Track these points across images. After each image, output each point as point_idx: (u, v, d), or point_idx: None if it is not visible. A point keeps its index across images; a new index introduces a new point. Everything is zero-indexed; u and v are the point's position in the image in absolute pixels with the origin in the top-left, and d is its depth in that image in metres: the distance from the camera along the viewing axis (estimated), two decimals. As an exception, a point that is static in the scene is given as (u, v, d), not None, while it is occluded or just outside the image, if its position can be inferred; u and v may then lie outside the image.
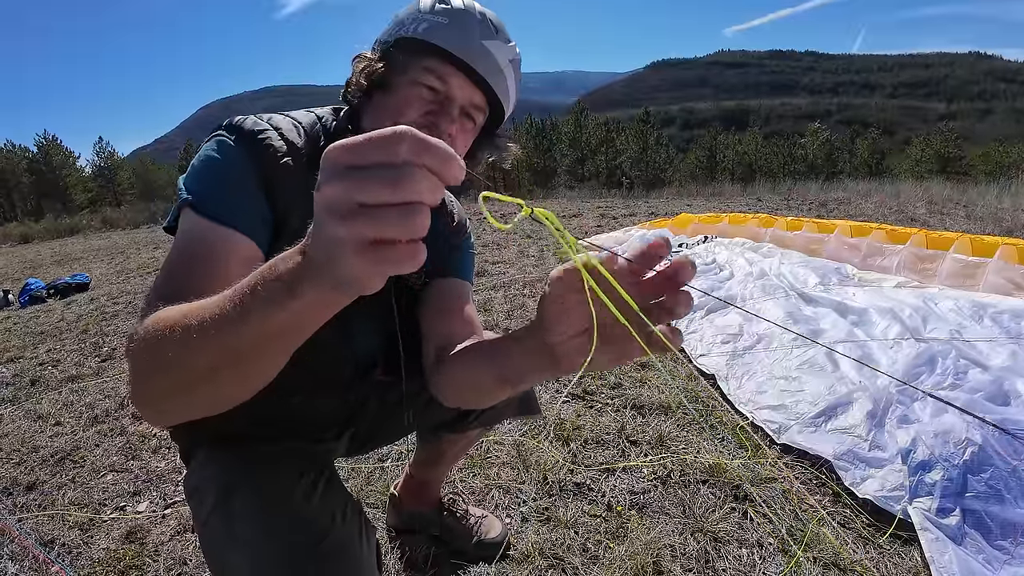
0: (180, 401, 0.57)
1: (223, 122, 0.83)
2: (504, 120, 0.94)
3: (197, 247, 0.72)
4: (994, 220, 6.16)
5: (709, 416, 1.97)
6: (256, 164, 0.79)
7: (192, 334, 0.50)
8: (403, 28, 0.83)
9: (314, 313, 0.46)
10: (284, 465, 0.81)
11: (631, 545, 1.35)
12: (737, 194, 13.38)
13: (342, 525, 0.77)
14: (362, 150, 0.37)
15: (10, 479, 1.87)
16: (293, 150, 0.82)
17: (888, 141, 66.14)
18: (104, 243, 12.38)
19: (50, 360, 3.23)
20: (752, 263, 3.64)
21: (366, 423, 1.09)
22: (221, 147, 0.79)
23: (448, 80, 0.82)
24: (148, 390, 0.58)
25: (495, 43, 0.84)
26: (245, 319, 0.47)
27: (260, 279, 0.46)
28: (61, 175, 37.29)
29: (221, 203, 0.74)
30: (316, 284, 0.43)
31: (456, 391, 0.83)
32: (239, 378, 0.53)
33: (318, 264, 0.41)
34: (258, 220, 0.77)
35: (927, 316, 2.43)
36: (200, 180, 0.76)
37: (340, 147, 0.38)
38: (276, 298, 0.45)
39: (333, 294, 0.43)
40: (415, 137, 0.37)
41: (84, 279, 5.82)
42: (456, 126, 0.84)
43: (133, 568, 1.40)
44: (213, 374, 0.52)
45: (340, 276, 0.40)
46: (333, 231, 0.38)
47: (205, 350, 0.50)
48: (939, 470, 1.45)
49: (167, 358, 0.53)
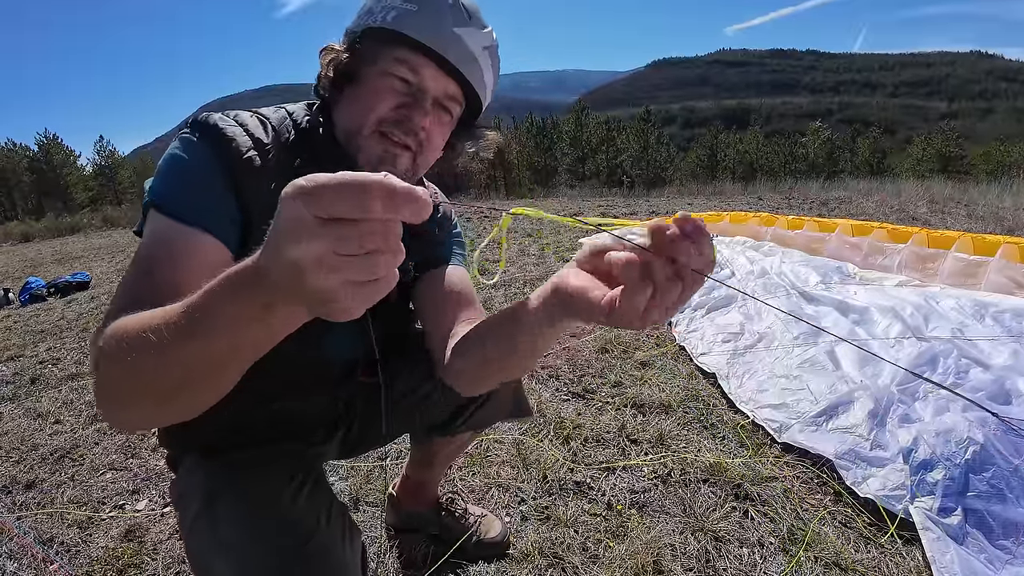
0: (142, 410, 0.57)
1: (189, 119, 0.79)
2: (482, 109, 0.90)
3: (161, 249, 0.69)
4: (995, 219, 6.15)
5: (710, 415, 1.97)
6: (222, 162, 0.75)
7: (150, 349, 0.50)
8: (371, 17, 0.79)
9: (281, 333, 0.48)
10: (270, 469, 0.80)
11: (631, 544, 1.34)
12: (738, 193, 13.39)
13: (326, 527, 0.76)
14: (331, 203, 0.37)
15: (9, 477, 1.86)
16: (260, 147, 0.79)
17: (889, 140, 66.07)
18: (105, 242, 12.38)
19: (50, 358, 3.23)
20: (753, 262, 3.63)
21: (356, 426, 1.08)
22: (186, 146, 0.75)
23: (420, 71, 0.78)
24: (108, 399, 0.57)
25: (468, 30, 0.79)
26: (210, 338, 0.47)
27: (218, 300, 0.46)
28: (62, 174, 37.29)
29: (186, 203, 0.71)
30: (290, 307, 0.44)
31: (470, 377, 0.81)
32: (199, 390, 0.53)
33: (293, 296, 0.42)
34: (226, 220, 0.73)
35: (929, 315, 2.42)
36: (165, 180, 0.73)
37: (301, 197, 0.38)
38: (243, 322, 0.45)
39: (305, 315, 0.45)
40: (387, 190, 0.37)
41: (85, 278, 5.81)
42: (430, 119, 0.80)
43: (132, 566, 1.39)
44: (173, 385, 0.52)
45: (321, 310, 0.42)
46: (316, 282, 0.39)
47: (164, 364, 0.50)
48: (941, 469, 1.45)
49: (127, 364, 0.52)
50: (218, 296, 0.46)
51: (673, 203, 10.43)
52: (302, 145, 0.83)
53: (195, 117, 0.78)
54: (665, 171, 34.39)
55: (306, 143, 0.83)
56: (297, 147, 0.82)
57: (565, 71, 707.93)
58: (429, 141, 0.83)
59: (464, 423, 1.13)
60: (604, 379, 2.29)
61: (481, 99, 0.87)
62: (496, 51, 0.86)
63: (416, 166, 0.84)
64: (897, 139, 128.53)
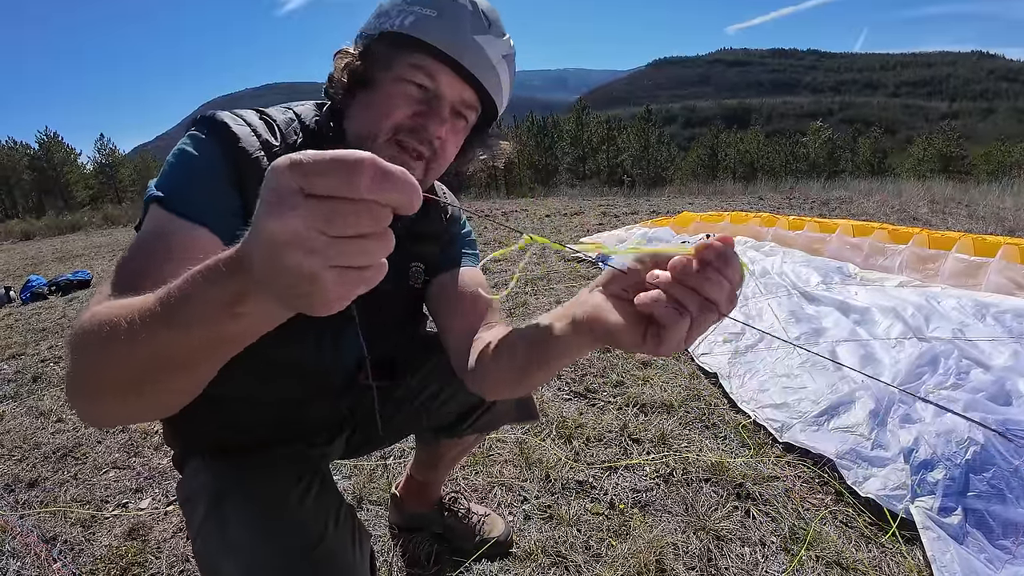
0: (112, 403, 0.53)
1: (197, 116, 0.77)
2: (497, 118, 0.90)
3: (156, 242, 0.66)
4: (996, 220, 6.15)
5: (711, 415, 1.97)
6: (229, 161, 0.73)
7: (120, 335, 0.47)
8: (388, 21, 0.77)
9: (257, 328, 0.45)
10: (277, 470, 0.80)
11: (633, 543, 1.35)
12: (739, 193, 13.37)
13: (335, 531, 0.76)
14: (318, 177, 0.35)
15: (12, 476, 1.87)
16: (268, 149, 0.77)
17: (890, 140, 65.98)
18: (106, 240, 12.37)
19: (52, 357, 3.23)
20: (754, 262, 3.64)
21: (361, 427, 1.08)
22: (195, 142, 0.74)
23: (437, 78, 0.77)
24: (76, 387, 0.54)
25: (487, 38, 0.78)
26: (182, 329, 0.44)
27: (193, 287, 0.43)
28: (62, 172, 37.26)
29: (190, 199, 0.69)
30: (263, 301, 0.41)
31: (494, 383, 0.79)
32: (170, 386, 0.51)
33: (267, 284, 0.39)
34: (229, 219, 0.71)
35: (930, 315, 2.43)
36: (170, 176, 0.71)
37: (291, 167, 0.36)
38: (214, 313, 0.42)
39: (281, 311, 0.42)
40: (376, 168, 0.35)
41: (86, 276, 5.81)
42: (447, 127, 0.79)
43: (135, 565, 1.40)
44: (138, 378, 0.49)
45: (298, 303, 0.39)
46: (295, 261, 0.35)
47: (133, 354, 0.47)
48: (941, 469, 1.45)
49: (92, 355, 0.50)
50: (194, 284, 0.43)
51: (674, 203, 10.42)
52: (310, 148, 0.83)
53: (203, 114, 0.77)
54: (666, 170, 34.37)
55: (313, 146, 0.83)
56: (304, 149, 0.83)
57: (566, 70, 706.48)
58: (443, 149, 0.81)
59: (471, 426, 1.13)
60: (606, 379, 2.29)
61: (497, 107, 0.86)
62: (513, 59, 0.85)
63: (428, 174, 0.83)
64: (898, 139, 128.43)
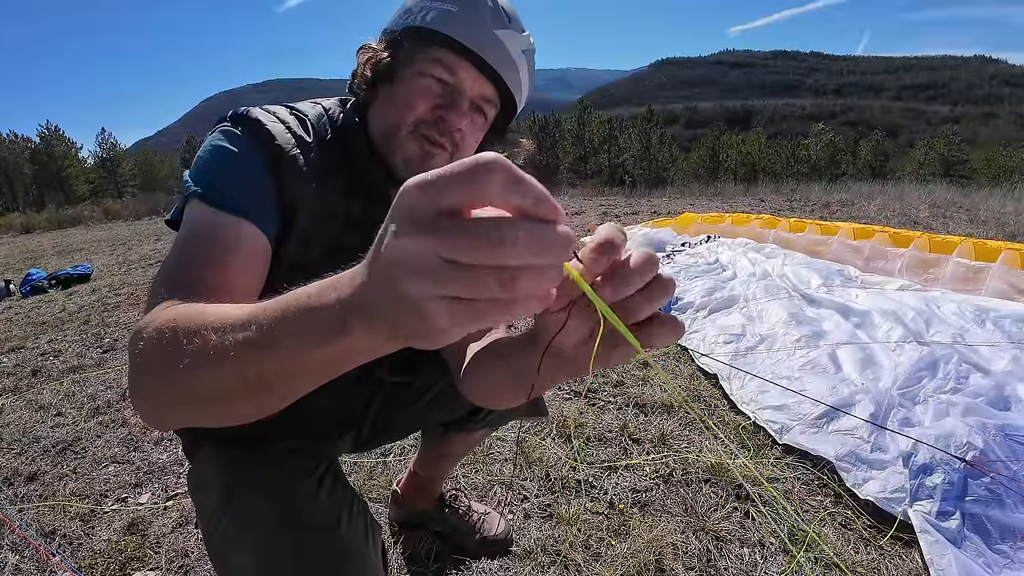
0: (183, 413, 0.52)
1: (228, 113, 0.78)
2: (516, 114, 0.90)
3: (206, 235, 0.67)
4: (997, 224, 6.15)
5: (711, 416, 1.97)
6: (264, 156, 0.75)
7: (209, 351, 0.44)
8: (410, 16, 0.79)
9: (356, 358, 0.40)
10: (288, 463, 0.80)
11: (633, 543, 1.35)
12: (740, 194, 13.38)
13: (348, 525, 0.76)
14: (444, 190, 0.31)
15: (11, 469, 1.87)
16: (302, 144, 0.79)
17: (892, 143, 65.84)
18: (106, 234, 12.37)
19: (51, 351, 3.23)
20: (755, 263, 3.64)
21: (371, 421, 1.09)
22: (229, 137, 0.75)
23: (458, 72, 0.78)
24: (149, 395, 0.52)
25: (508, 32, 0.79)
26: (273, 350, 0.41)
27: (295, 310, 0.40)
28: (63, 165, 37.23)
29: (230, 192, 0.70)
30: (371, 332, 0.36)
31: (480, 394, 0.78)
32: (256, 402, 0.48)
33: (379, 313, 0.35)
34: (267, 212, 0.73)
35: (930, 319, 2.43)
36: (208, 170, 0.72)
37: (417, 186, 0.31)
38: (316, 338, 0.39)
39: (389, 344, 0.37)
40: (506, 168, 0.30)
41: (86, 270, 5.81)
42: (466, 120, 0.80)
43: (134, 559, 1.40)
44: (227, 395, 0.46)
45: (409, 334, 0.34)
46: (413, 289, 0.31)
47: (222, 371, 0.44)
48: (940, 473, 1.45)
49: (177, 369, 0.46)
50: (289, 310, 0.40)
51: (674, 203, 10.42)
52: (339, 144, 0.84)
53: (235, 111, 0.78)
54: (667, 171, 34.32)
55: (342, 142, 0.84)
56: (335, 146, 0.83)
57: (568, 69, 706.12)
58: (464, 142, 0.82)
59: (483, 420, 1.13)
60: (606, 378, 2.29)
61: (516, 102, 0.87)
62: (533, 55, 0.85)
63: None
64: (899, 142, 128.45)
